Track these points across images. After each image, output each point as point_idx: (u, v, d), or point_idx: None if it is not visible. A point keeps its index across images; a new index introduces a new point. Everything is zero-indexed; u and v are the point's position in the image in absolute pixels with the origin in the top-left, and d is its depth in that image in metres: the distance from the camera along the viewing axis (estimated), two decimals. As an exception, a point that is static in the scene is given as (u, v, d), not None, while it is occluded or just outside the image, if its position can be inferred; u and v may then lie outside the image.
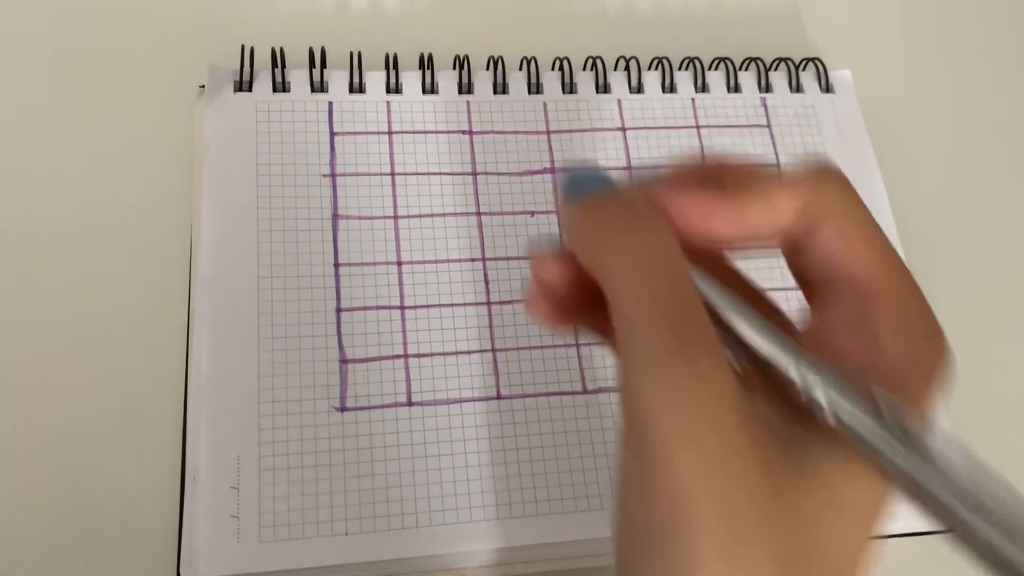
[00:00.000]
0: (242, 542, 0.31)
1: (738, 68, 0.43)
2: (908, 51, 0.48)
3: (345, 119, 0.38)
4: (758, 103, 0.42)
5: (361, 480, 0.32)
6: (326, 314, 0.35)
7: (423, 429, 0.33)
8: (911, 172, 0.44)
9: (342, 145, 0.38)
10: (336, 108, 0.38)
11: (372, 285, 0.36)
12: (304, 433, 0.33)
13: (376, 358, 0.34)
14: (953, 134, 0.46)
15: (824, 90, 0.43)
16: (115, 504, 0.33)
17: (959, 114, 0.46)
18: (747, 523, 0.17)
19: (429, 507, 0.32)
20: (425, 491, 0.32)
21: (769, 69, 0.43)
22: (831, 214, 0.20)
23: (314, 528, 0.31)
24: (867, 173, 0.41)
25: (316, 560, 0.31)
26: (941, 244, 0.43)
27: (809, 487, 0.18)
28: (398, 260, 0.36)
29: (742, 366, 0.20)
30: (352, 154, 0.38)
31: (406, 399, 0.34)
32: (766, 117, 0.42)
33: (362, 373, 0.34)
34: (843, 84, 0.43)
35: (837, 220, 0.20)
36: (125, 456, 0.33)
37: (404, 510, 0.32)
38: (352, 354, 0.34)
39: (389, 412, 0.34)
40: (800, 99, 0.42)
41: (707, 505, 0.17)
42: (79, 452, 0.33)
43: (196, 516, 0.31)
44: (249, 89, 0.38)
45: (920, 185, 0.44)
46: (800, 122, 0.42)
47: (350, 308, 0.35)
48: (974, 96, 0.47)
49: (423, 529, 0.32)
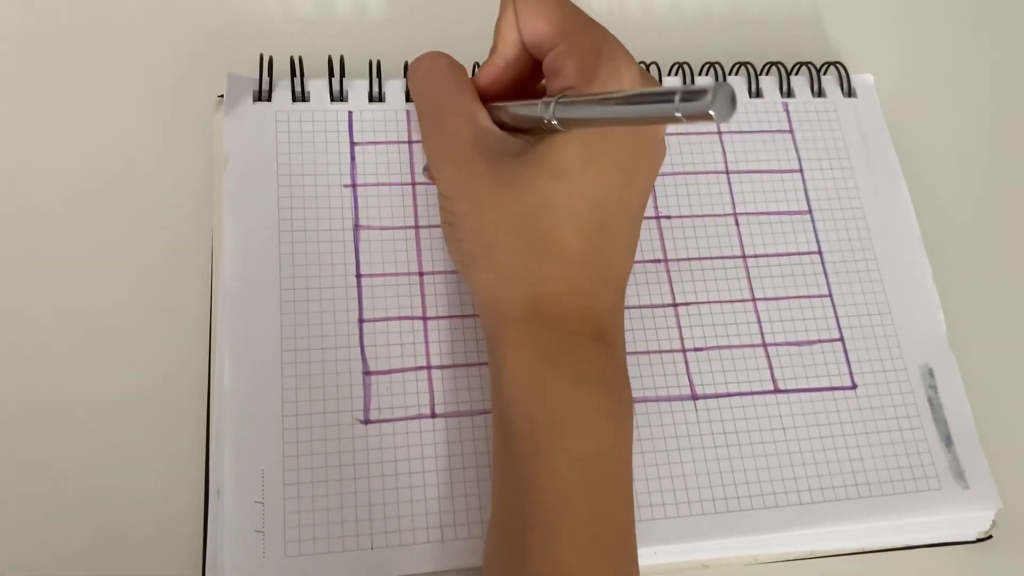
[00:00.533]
0: (267, 557, 0.30)
1: (759, 72, 0.42)
2: (930, 54, 0.47)
3: (365, 128, 0.38)
4: (780, 108, 0.41)
5: (386, 493, 0.32)
6: (348, 325, 0.34)
7: (447, 441, 0.33)
8: (935, 176, 0.43)
9: (362, 155, 0.37)
10: (356, 117, 0.38)
11: (394, 296, 0.35)
12: (328, 447, 0.32)
13: (399, 369, 0.34)
14: (977, 137, 0.45)
15: (846, 94, 0.42)
16: (138, 520, 0.32)
17: (983, 117, 0.46)
18: (482, 193, 0.30)
19: (454, 520, 0.32)
20: (450, 504, 0.32)
21: (790, 73, 0.42)
22: (525, 15, 0.31)
23: (339, 543, 0.31)
24: (890, 177, 0.41)
25: (342, 574, 0.31)
26: (966, 247, 0.42)
27: (532, 167, 0.29)
28: (420, 271, 0.36)
29: (513, 129, 0.31)
30: (373, 164, 0.37)
31: (430, 411, 0.34)
32: (788, 122, 0.41)
33: (385, 385, 0.34)
34: (865, 88, 0.43)
35: (527, 18, 0.31)
36: (148, 471, 0.33)
37: (429, 523, 0.32)
38: (375, 366, 0.34)
39: (413, 424, 0.33)
40: (822, 103, 0.42)
41: (457, 199, 0.31)
42: (102, 467, 0.33)
43: (220, 531, 0.31)
44: (268, 99, 0.37)
45: (944, 188, 0.43)
46: (823, 127, 0.41)
47: (372, 319, 0.35)
48: (998, 98, 0.47)
49: (448, 543, 0.32)
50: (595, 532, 0.27)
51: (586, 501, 0.27)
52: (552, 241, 0.29)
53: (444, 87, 0.33)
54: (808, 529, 0.34)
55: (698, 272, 0.38)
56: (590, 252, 0.30)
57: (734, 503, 0.34)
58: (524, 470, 0.28)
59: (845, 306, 0.38)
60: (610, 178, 0.30)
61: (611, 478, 0.28)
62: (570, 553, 0.27)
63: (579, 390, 0.29)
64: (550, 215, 0.29)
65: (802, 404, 0.36)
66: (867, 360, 0.37)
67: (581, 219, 0.29)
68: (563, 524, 0.27)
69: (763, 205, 0.40)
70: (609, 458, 0.28)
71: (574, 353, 0.29)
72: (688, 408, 0.35)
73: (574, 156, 0.29)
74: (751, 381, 0.36)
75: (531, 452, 0.28)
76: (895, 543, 0.35)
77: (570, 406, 0.28)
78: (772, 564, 0.35)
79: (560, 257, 0.29)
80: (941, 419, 0.36)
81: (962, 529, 0.36)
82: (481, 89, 0.33)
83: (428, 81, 0.34)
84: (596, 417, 0.28)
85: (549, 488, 0.27)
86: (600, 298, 0.30)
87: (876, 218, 0.40)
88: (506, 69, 0.33)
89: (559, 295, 0.29)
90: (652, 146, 0.32)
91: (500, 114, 0.32)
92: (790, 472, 0.34)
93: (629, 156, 0.31)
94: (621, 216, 0.31)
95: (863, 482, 0.35)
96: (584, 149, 0.29)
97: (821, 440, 0.35)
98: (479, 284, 0.31)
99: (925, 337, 0.38)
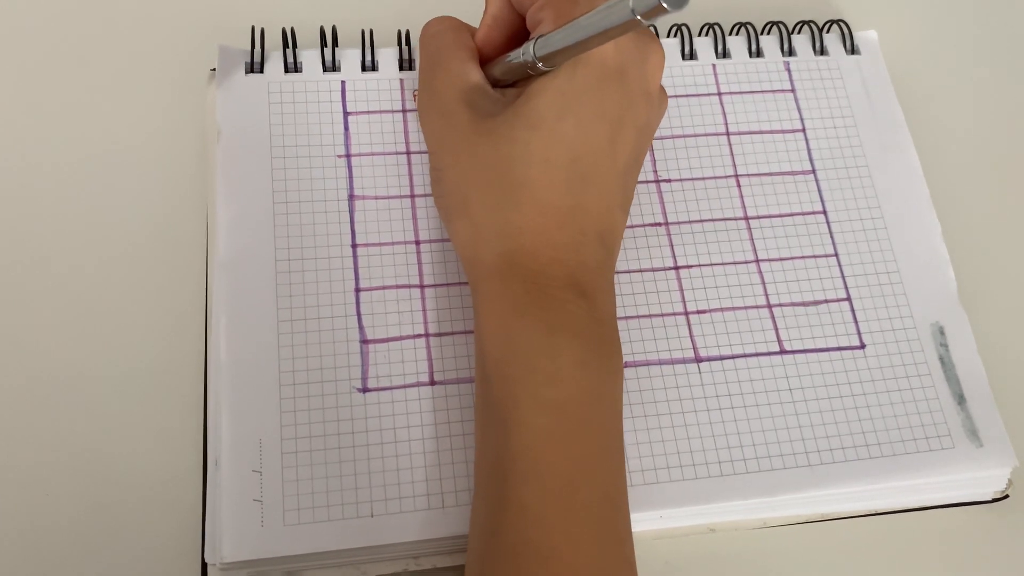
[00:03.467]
0: (266, 526, 0.30)
1: (759, 32, 0.41)
2: (935, 8, 0.46)
3: (359, 98, 0.37)
4: (781, 67, 0.41)
5: (385, 461, 0.32)
6: (345, 295, 0.34)
7: (447, 408, 0.33)
8: (942, 131, 0.42)
9: (356, 125, 0.37)
10: (349, 87, 0.38)
11: (391, 264, 0.35)
12: (326, 415, 0.32)
13: (397, 338, 0.34)
14: (985, 90, 0.44)
15: (849, 52, 0.41)
16: (137, 491, 0.32)
17: (990, 70, 0.45)
18: (462, 145, 0.30)
19: (455, 487, 0.32)
20: (451, 470, 0.32)
21: (792, 32, 0.42)
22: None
23: (339, 510, 0.31)
24: (896, 134, 0.40)
25: (342, 543, 0.30)
26: (975, 203, 0.41)
27: (509, 118, 0.29)
28: (416, 239, 0.36)
29: (503, 84, 0.32)
30: (367, 133, 0.37)
31: (428, 378, 0.33)
32: (790, 81, 0.40)
33: (383, 353, 0.33)
34: (869, 45, 0.42)
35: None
36: (146, 442, 0.33)
37: (430, 490, 0.31)
38: (373, 334, 0.34)
39: (412, 392, 0.33)
40: (825, 62, 0.41)
41: (440, 152, 0.32)
42: (100, 440, 0.33)
43: (219, 501, 0.30)
44: (260, 70, 0.37)
45: (952, 143, 0.42)
46: (825, 85, 0.40)
47: (369, 288, 0.34)
48: (1004, 53, 0.45)
49: (449, 509, 0.31)
50: (569, 480, 0.27)
51: (558, 448, 0.27)
52: (527, 192, 0.29)
53: (443, 46, 0.33)
54: (817, 490, 0.33)
55: (700, 235, 0.37)
56: (568, 204, 0.29)
57: (740, 465, 0.33)
58: (498, 418, 0.28)
59: (852, 265, 0.37)
60: (591, 129, 0.29)
61: (587, 428, 0.28)
62: (542, 499, 0.26)
63: (549, 338, 0.28)
64: (525, 165, 0.29)
65: (809, 365, 0.35)
66: (875, 319, 0.36)
67: (558, 170, 0.29)
68: (533, 469, 0.27)
69: (765, 166, 0.39)
70: (585, 409, 0.28)
71: (546, 304, 0.29)
72: (692, 371, 0.34)
73: (549, 105, 0.29)
74: (756, 343, 0.35)
75: (504, 401, 0.28)
76: (908, 504, 0.34)
77: (538, 354, 0.28)
78: (781, 527, 0.34)
79: (535, 208, 0.29)
80: (953, 377, 0.35)
81: (978, 489, 0.35)
82: (479, 48, 0.33)
83: (431, 41, 0.34)
84: (569, 367, 0.28)
85: (520, 435, 0.27)
86: (580, 252, 0.30)
87: (882, 176, 0.39)
88: (496, 26, 0.33)
89: (534, 248, 0.29)
90: (644, 100, 0.31)
91: (494, 71, 0.32)
92: (798, 433, 0.34)
93: (615, 107, 0.30)
94: (605, 170, 0.30)
95: (874, 442, 0.34)
96: (560, 98, 0.29)
97: (829, 400, 0.34)
98: (458, 239, 0.31)
99: (935, 295, 0.37)
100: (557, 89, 0.29)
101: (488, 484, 0.28)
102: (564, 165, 0.29)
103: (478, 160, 0.30)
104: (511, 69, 0.31)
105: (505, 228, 0.29)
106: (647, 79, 0.31)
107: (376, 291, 0.34)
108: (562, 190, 0.29)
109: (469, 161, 0.30)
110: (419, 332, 0.34)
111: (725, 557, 0.33)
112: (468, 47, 0.33)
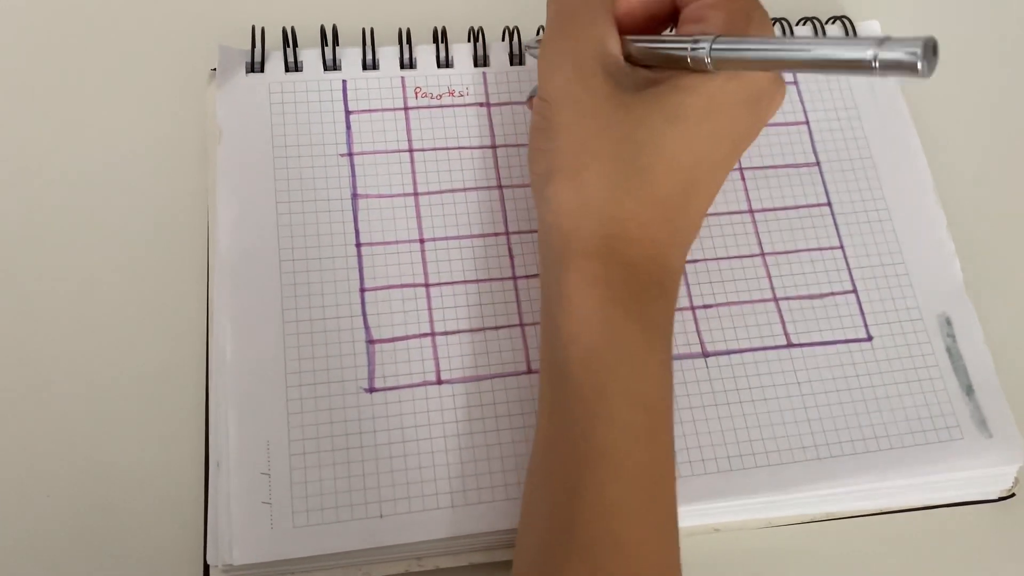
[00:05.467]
0: (275, 528, 0.30)
1: (761, 26, 0.41)
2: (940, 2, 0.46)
3: (360, 96, 0.37)
4: (784, 60, 0.40)
5: (394, 461, 0.32)
6: (350, 295, 0.34)
7: (454, 407, 0.33)
8: (947, 122, 0.42)
9: (358, 123, 0.37)
10: (350, 86, 0.37)
11: (395, 264, 0.35)
12: (334, 416, 0.32)
13: (403, 337, 0.34)
14: (989, 82, 0.44)
15: (852, 44, 0.41)
16: (139, 492, 0.32)
17: (995, 61, 0.45)
18: (592, 108, 0.29)
19: (464, 486, 0.31)
20: (459, 470, 0.32)
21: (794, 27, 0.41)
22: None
23: (348, 511, 0.31)
24: (900, 126, 0.40)
25: (350, 544, 0.30)
26: (981, 194, 0.41)
27: (650, 102, 0.28)
28: (420, 237, 0.35)
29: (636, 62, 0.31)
30: (369, 132, 0.37)
31: (435, 378, 0.33)
32: (793, 76, 0.40)
33: (389, 353, 0.33)
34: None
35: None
36: (148, 444, 0.33)
37: (439, 490, 0.31)
38: (379, 334, 0.33)
39: (419, 391, 0.33)
40: (827, 54, 0.41)
41: (561, 107, 0.30)
42: (100, 442, 0.33)
43: (222, 503, 0.30)
44: (261, 70, 0.37)
45: (957, 134, 0.42)
46: (829, 79, 0.40)
47: (374, 288, 0.34)
48: (1008, 42, 0.45)
49: (458, 509, 0.31)
50: (652, 480, 0.27)
51: (646, 447, 0.27)
52: (646, 179, 0.28)
53: (586, 3, 0.31)
54: (826, 484, 0.33)
55: (704, 229, 0.37)
56: (676, 204, 0.29)
57: (749, 460, 0.33)
58: (582, 407, 0.27)
59: (857, 257, 0.37)
60: (718, 143, 0.29)
61: (665, 429, 0.28)
62: (625, 494, 0.26)
63: (647, 335, 0.28)
64: (653, 154, 0.28)
65: (816, 358, 0.35)
66: (882, 311, 0.36)
67: (679, 169, 0.29)
68: (621, 464, 0.27)
69: (769, 159, 0.39)
70: (666, 410, 0.28)
71: (646, 298, 0.29)
72: (699, 366, 0.34)
73: (695, 105, 0.28)
74: (763, 336, 0.35)
75: (593, 390, 0.27)
76: (914, 503, 0.34)
77: (637, 351, 0.28)
78: (786, 527, 0.34)
79: (650, 199, 0.29)
80: (961, 368, 0.35)
81: (984, 487, 0.35)
82: (617, 18, 0.32)
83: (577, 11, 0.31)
84: (657, 367, 0.28)
85: (609, 428, 0.27)
86: (670, 252, 0.30)
87: (887, 168, 0.39)
88: (644, 4, 0.32)
89: (638, 238, 0.29)
90: (758, 131, 0.31)
91: (631, 48, 0.31)
92: (806, 427, 0.34)
93: (742, 130, 0.30)
94: (712, 182, 0.30)
95: (883, 435, 0.34)
96: (707, 103, 0.28)
97: (837, 393, 0.34)
98: (555, 202, 0.29)
99: (941, 286, 0.37)
100: (708, 94, 0.28)
101: (561, 472, 0.27)
102: (687, 167, 0.29)
103: (607, 132, 0.29)
104: (660, 56, 0.29)
105: (616, 210, 0.28)
106: (767, 114, 0.31)
107: (381, 291, 0.34)
108: (677, 191, 0.29)
109: (595, 127, 0.29)
110: (425, 331, 0.34)
111: (730, 557, 0.33)
112: (610, 11, 0.31)
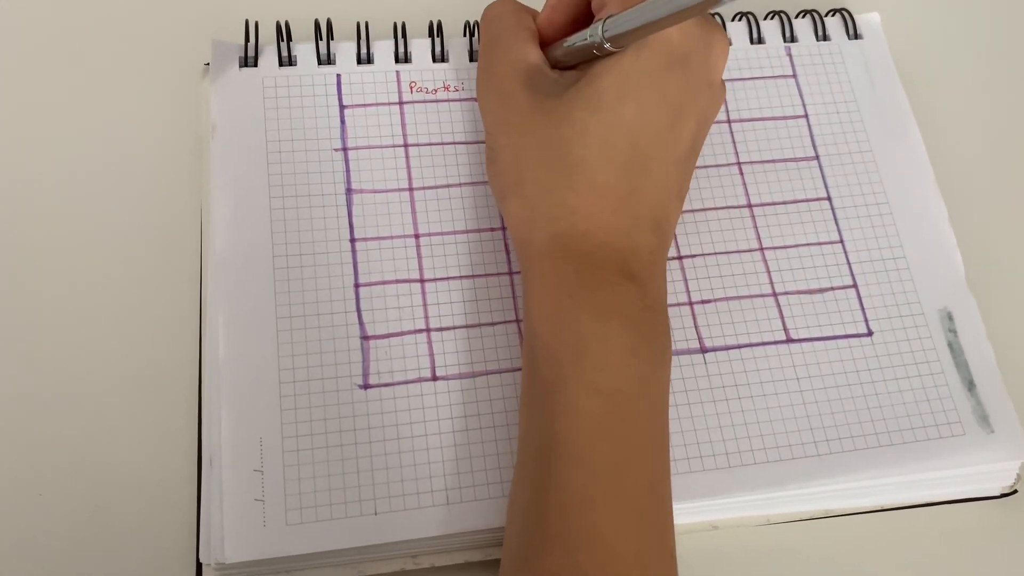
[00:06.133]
0: (268, 526, 0.30)
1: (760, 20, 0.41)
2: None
3: (354, 91, 0.37)
4: (783, 53, 0.40)
5: (388, 458, 0.31)
6: (344, 290, 0.34)
7: (449, 404, 0.32)
8: (947, 114, 0.42)
9: (352, 118, 0.37)
10: (345, 80, 0.37)
11: (390, 259, 0.34)
12: (328, 412, 0.32)
13: (398, 333, 0.33)
14: (989, 73, 0.44)
15: (852, 36, 0.41)
16: (132, 491, 0.32)
17: (995, 53, 0.44)
18: (519, 125, 0.30)
19: (459, 483, 0.31)
20: (454, 467, 0.31)
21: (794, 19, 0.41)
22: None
23: (342, 509, 0.30)
24: (900, 118, 0.39)
25: (344, 541, 0.30)
26: (982, 187, 0.41)
27: (569, 99, 0.29)
28: (415, 233, 0.35)
29: (563, 66, 0.32)
30: (363, 127, 0.36)
31: (430, 374, 0.33)
32: (792, 67, 0.40)
33: (384, 349, 0.33)
34: (871, 28, 0.41)
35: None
36: (140, 442, 0.33)
37: (434, 487, 0.31)
38: (373, 330, 0.33)
39: (414, 388, 0.32)
40: (827, 47, 0.40)
41: (497, 132, 0.32)
42: (93, 440, 0.33)
43: (214, 500, 0.30)
44: (255, 64, 0.37)
45: (957, 127, 0.42)
46: (827, 70, 0.40)
47: (368, 283, 0.34)
48: (1009, 35, 0.45)
49: (453, 506, 0.31)
50: (617, 467, 0.27)
51: (605, 434, 0.27)
52: (582, 173, 0.29)
53: (503, 28, 0.33)
54: (826, 481, 0.32)
55: (702, 224, 0.37)
56: (623, 188, 0.29)
57: (748, 456, 0.32)
58: (545, 401, 0.27)
59: (858, 252, 0.37)
60: (652, 114, 0.29)
61: (635, 416, 0.28)
62: (590, 483, 0.26)
63: (600, 323, 0.28)
64: (582, 146, 0.29)
65: (816, 353, 0.35)
66: (883, 306, 0.36)
67: (616, 153, 0.29)
68: (582, 454, 0.26)
69: (768, 153, 0.38)
70: (634, 397, 0.28)
71: (597, 287, 0.28)
72: (697, 362, 0.34)
73: (611, 87, 0.29)
74: (762, 332, 0.35)
75: (552, 383, 0.27)
76: (915, 499, 0.34)
77: (589, 338, 0.28)
78: (784, 524, 0.33)
79: (590, 190, 0.29)
80: (962, 363, 0.35)
81: (986, 483, 0.34)
82: (540, 31, 0.33)
83: (492, 23, 0.34)
84: (618, 353, 0.28)
85: (567, 419, 0.27)
86: (633, 237, 0.29)
87: (887, 161, 0.38)
88: (560, 9, 0.33)
89: (587, 230, 0.29)
90: (706, 89, 0.31)
91: (556, 53, 0.32)
92: (806, 423, 0.33)
93: (677, 94, 0.30)
94: (663, 156, 0.30)
95: (883, 430, 0.33)
96: (622, 80, 0.29)
97: (837, 389, 0.34)
98: (511, 218, 0.31)
99: (942, 280, 0.36)
100: (620, 71, 0.29)
101: (532, 467, 0.27)
102: (622, 149, 0.29)
103: (535, 140, 0.30)
104: (574, 51, 0.31)
105: (559, 209, 0.29)
106: (710, 68, 0.30)
107: (376, 286, 0.34)
108: (619, 174, 0.29)
109: (526, 140, 0.30)
110: (420, 327, 0.33)
111: (728, 554, 0.33)
112: (529, 28, 0.33)
